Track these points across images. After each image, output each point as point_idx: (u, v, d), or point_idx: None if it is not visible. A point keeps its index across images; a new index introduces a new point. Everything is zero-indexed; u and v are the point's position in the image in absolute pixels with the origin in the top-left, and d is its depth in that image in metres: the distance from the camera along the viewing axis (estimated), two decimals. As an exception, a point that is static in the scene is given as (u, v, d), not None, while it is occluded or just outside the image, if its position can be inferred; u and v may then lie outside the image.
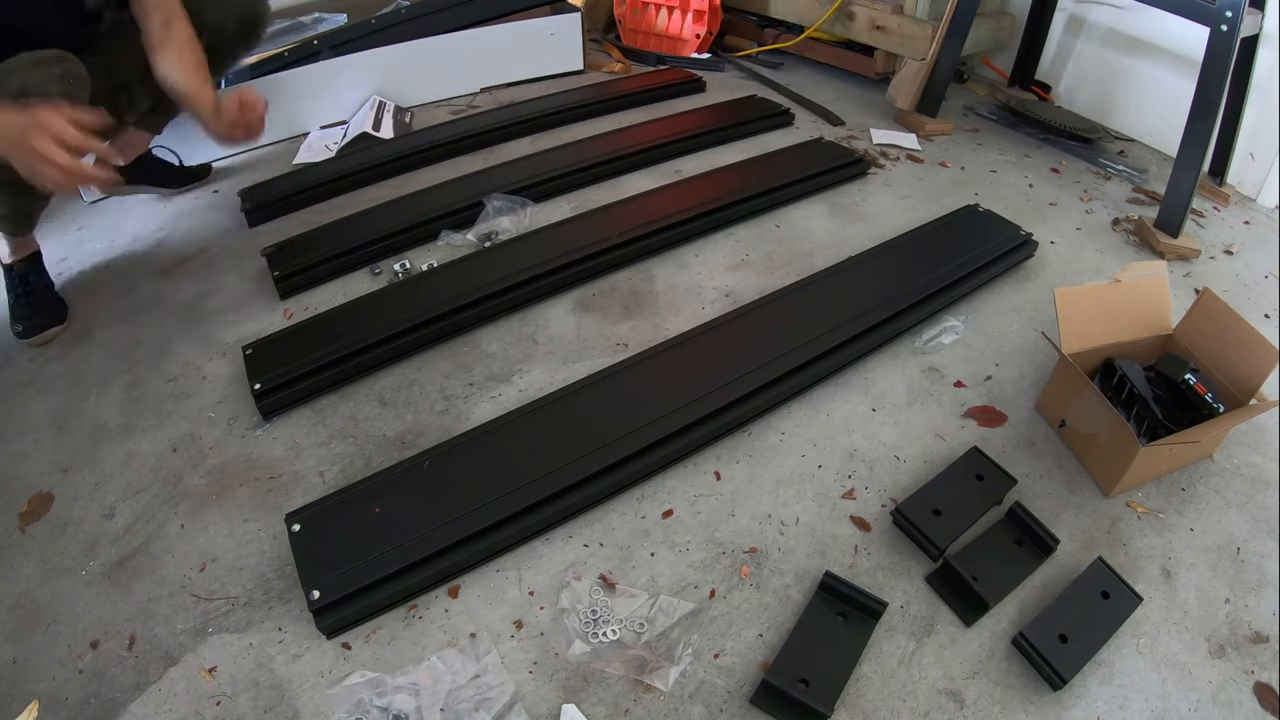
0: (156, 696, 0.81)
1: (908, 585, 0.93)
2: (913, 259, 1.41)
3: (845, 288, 1.33)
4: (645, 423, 1.04)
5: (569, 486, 0.97)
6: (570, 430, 1.05)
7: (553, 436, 1.04)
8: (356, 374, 1.19)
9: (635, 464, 1.02)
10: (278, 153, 1.83)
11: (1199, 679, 0.84)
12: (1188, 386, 1.05)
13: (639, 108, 2.05)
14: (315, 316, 1.27)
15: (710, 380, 1.11)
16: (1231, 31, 1.37)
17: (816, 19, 2.23)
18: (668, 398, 1.08)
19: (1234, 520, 1.01)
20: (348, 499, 0.96)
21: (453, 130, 1.85)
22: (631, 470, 1.01)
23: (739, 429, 1.11)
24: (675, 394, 1.09)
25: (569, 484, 0.97)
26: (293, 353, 1.17)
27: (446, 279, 1.34)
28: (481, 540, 0.92)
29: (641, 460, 1.02)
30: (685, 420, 1.05)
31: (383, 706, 0.78)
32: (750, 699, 0.81)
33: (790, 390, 1.15)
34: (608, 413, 1.08)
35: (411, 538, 0.90)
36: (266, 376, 1.13)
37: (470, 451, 1.02)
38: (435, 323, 1.25)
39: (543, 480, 0.97)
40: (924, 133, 1.96)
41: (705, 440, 1.07)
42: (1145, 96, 1.96)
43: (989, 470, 1.03)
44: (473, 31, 2.08)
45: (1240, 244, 1.59)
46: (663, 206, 1.53)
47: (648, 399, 1.09)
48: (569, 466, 0.99)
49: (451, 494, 0.96)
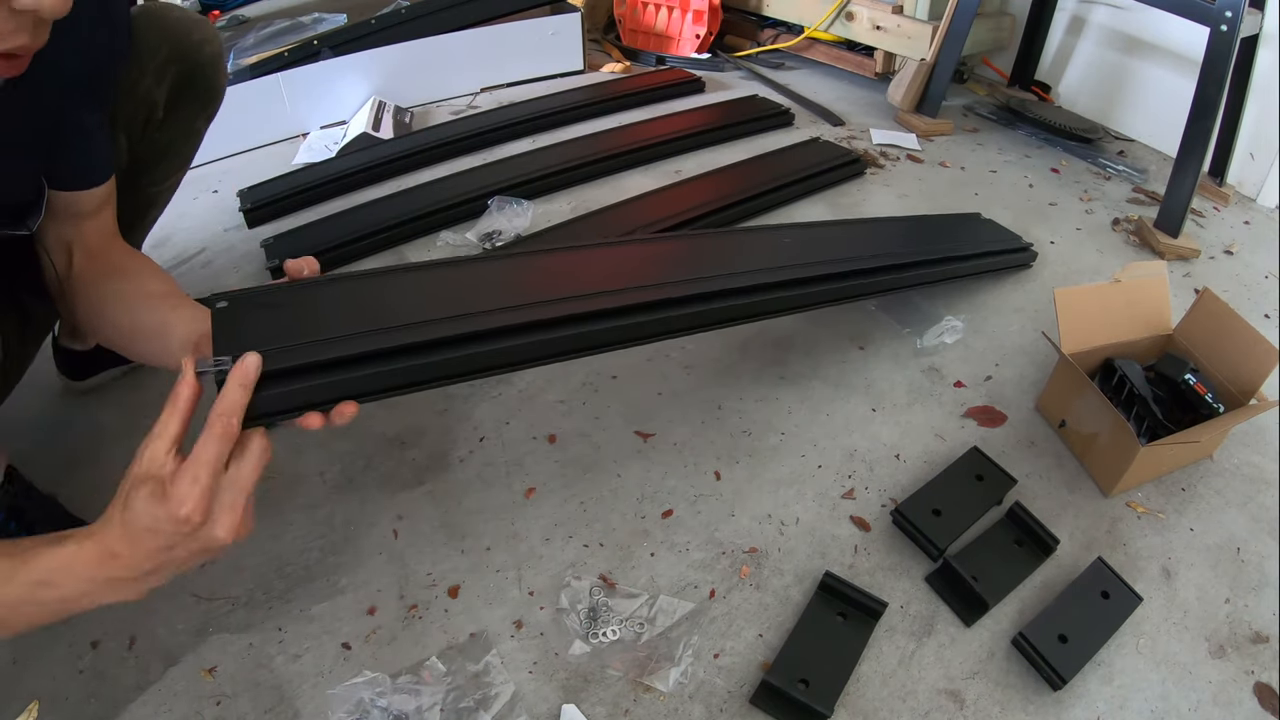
0: (157, 696, 0.81)
1: (908, 585, 0.93)
2: (922, 230, 1.40)
3: (852, 235, 1.31)
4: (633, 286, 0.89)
5: (541, 322, 0.79)
6: (550, 277, 0.90)
7: (532, 277, 0.90)
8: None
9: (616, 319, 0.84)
10: (278, 153, 1.83)
11: (1199, 679, 0.84)
12: (1188, 386, 1.05)
13: (639, 108, 2.04)
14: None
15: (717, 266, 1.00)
16: (1231, 31, 1.37)
17: (816, 19, 2.23)
18: (660, 272, 0.97)
19: (1234, 520, 1.01)
20: (284, 290, 0.73)
21: (453, 130, 1.84)
22: (611, 326, 0.84)
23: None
24: (674, 270, 0.98)
25: (540, 319, 0.78)
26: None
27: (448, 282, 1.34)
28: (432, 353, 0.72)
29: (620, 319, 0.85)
30: (681, 292, 0.90)
31: (383, 706, 0.78)
32: (750, 699, 0.81)
33: (795, 300, 1.03)
34: (583, 272, 0.94)
35: (353, 333, 0.69)
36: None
37: (437, 278, 0.86)
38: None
39: (510, 311, 0.78)
40: (924, 133, 1.96)
41: (705, 319, 0.93)
42: (1145, 96, 1.96)
43: (989, 470, 1.03)
44: (473, 31, 2.08)
45: (1240, 244, 1.59)
46: (663, 207, 1.53)
47: (638, 268, 0.98)
48: (541, 305, 0.80)
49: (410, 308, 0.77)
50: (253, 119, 1.79)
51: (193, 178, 1.43)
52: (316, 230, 1.48)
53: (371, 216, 1.47)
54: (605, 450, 1.09)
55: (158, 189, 1.07)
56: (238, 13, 2.21)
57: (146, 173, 1.02)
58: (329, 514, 1.00)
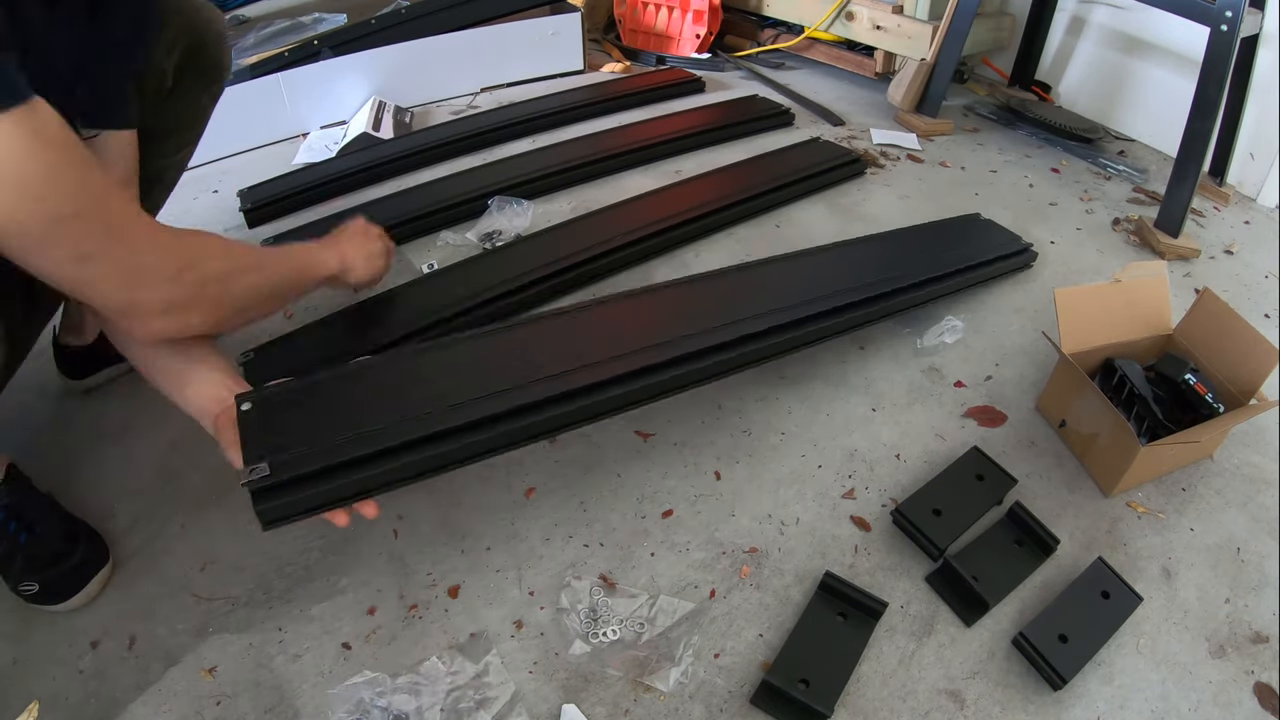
0: (157, 696, 0.81)
1: (908, 585, 0.93)
2: (921, 244, 1.39)
3: (850, 260, 1.30)
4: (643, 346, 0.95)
5: (552, 398, 0.87)
6: (561, 346, 0.96)
7: (541, 349, 0.95)
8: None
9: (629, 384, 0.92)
10: (278, 153, 1.83)
11: (1199, 679, 0.84)
12: (1188, 386, 1.05)
13: (639, 108, 2.04)
14: (315, 320, 1.26)
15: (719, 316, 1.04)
16: (1231, 31, 1.37)
17: (816, 19, 2.23)
18: (670, 328, 1.01)
19: (1234, 520, 1.01)
20: (306, 385, 0.86)
21: (453, 130, 1.84)
22: (625, 391, 0.91)
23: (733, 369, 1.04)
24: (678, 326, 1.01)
25: (551, 395, 0.87)
26: (291, 360, 1.16)
27: (449, 283, 1.34)
28: (454, 440, 0.82)
29: (631, 383, 0.92)
30: (691, 348, 0.97)
31: (383, 706, 0.78)
32: (750, 699, 0.81)
33: (794, 341, 1.08)
34: (596, 335, 1.00)
35: (375, 429, 0.79)
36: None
37: (448, 356, 0.94)
38: (438, 327, 1.24)
39: (524, 388, 0.86)
40: (924, 133, 1.96)
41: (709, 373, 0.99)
42: (1145, 96, 1.96)
43: (989, 470, 1.03)
44: (473, 31, 2.08)
45: (1240, 244, 1.59)
46: (663, 207, 1.53)
47: (647, 327, 1.02)
48: (556, 378, 0.88)
49: (422, 393, 0.86)
50: (253, 119, 1.79)
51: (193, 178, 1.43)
52: (316, 230, 1.47)
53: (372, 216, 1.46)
54: (605, 450, 1.09)
55: (165, 162, 1.09)
56: (238, 13, 2.21)
57: (154, 144, 1.04)
58: (329, 514, 1.00)
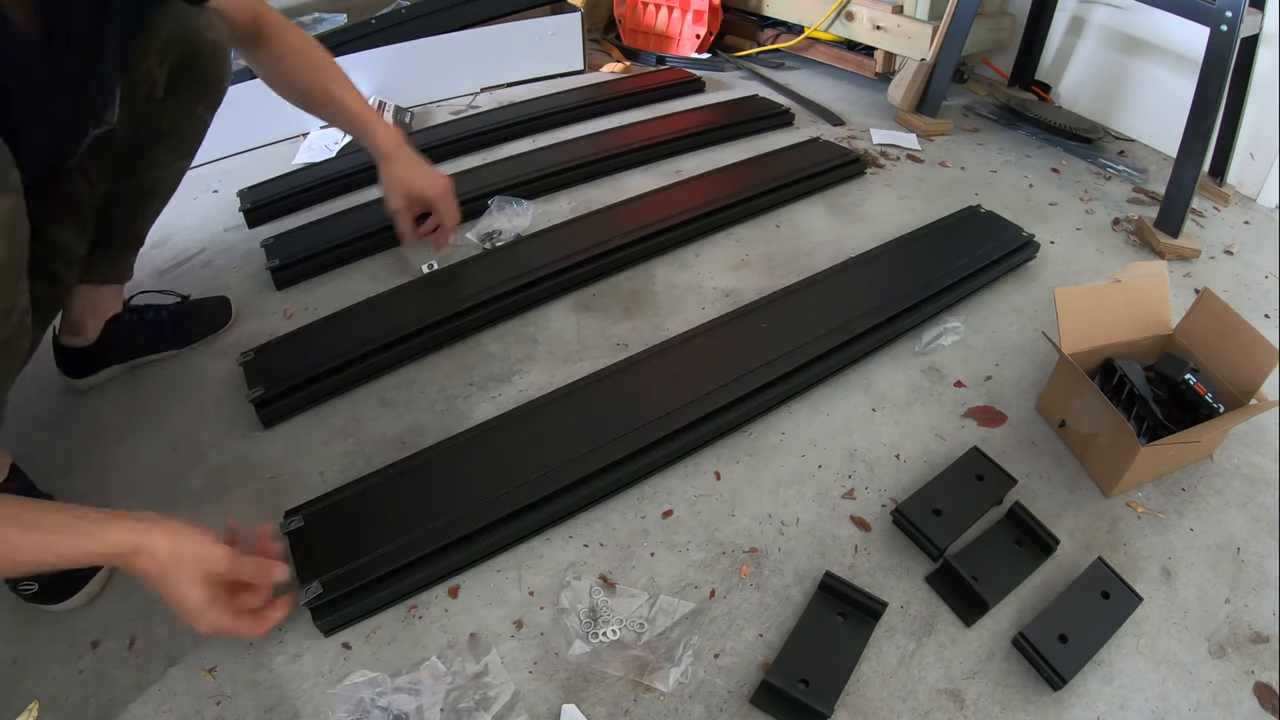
0: (157, 696, 0.81)
1: (908, 585, 0.93)
2: (914, 259, 1.40)
3: (845, 288, 1.32)
4: (645, 422, 1.04)
5: (569, 485, 0.97)
6: (571, 429, 1.05)
7: (553, 435, 1.04)
8: (357, 380, 1.18)
9: (636, 462, 1.01)
10: (278, 152, 1.83)
11: (1199, 679, 0.84)
12: (1188, 386, 1.05)
13: (639, 108, 2.04)
14: (316, 320, 1.26)
15: (710, 380, 1.10)
16: (1231, 31, 1.37)
17: (816, 19, 2.23)
18: (668, 397, 1.08)
19: (1234, 520, 1.01)
20: (347, 497, 0.96)
21: (453, 130, 1.84)
22: (632, 469, 1.01)
23: (739, 429, 1.11)
24: (675, 393, 1.09)
25: (569, 482, 0.97)
26: (291, 360, 1.17)
27: (449, 283, 1.35)
28: (481, 539, 0.92)
29: (642, 459, 1.02)
30: (685, 420, 1.05)
31: (383, 706, 0.78)
32: (750, 699, 0.81)
33: (792, 390, 1.14)
34: (608, 412, 1.07)
35: (411, 536, 0.90)
36: (265, 384, 1.11)
37: (470, 450, 1.02)
38: (438, 327, 1.24)
39: (542, 478, 0.97)
40: (924, 133, 1.96)
41: (706, 439, 1.07)
42: (1145, 96, 1.96)
43: (989, 470, 1.03)
44: (473, 31, 2.08)
45: (1240, 244, 1.59)
46: (663, 207, 1.53)
47: (648, 398, 1.09)
48: (569, 465, 0.98)
49: (451, 492, 0.96)
50: (253, 119, 1.79)
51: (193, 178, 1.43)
52: (316, 230, 1.48)
53: (372, 216, 1.46)
54: (605, 450, 1.09)
55: (158, 174, 1.08)
56: (238, 13, 2.21)
57: (147, 155, 1.04)
58: (329, 514, 1.00)
